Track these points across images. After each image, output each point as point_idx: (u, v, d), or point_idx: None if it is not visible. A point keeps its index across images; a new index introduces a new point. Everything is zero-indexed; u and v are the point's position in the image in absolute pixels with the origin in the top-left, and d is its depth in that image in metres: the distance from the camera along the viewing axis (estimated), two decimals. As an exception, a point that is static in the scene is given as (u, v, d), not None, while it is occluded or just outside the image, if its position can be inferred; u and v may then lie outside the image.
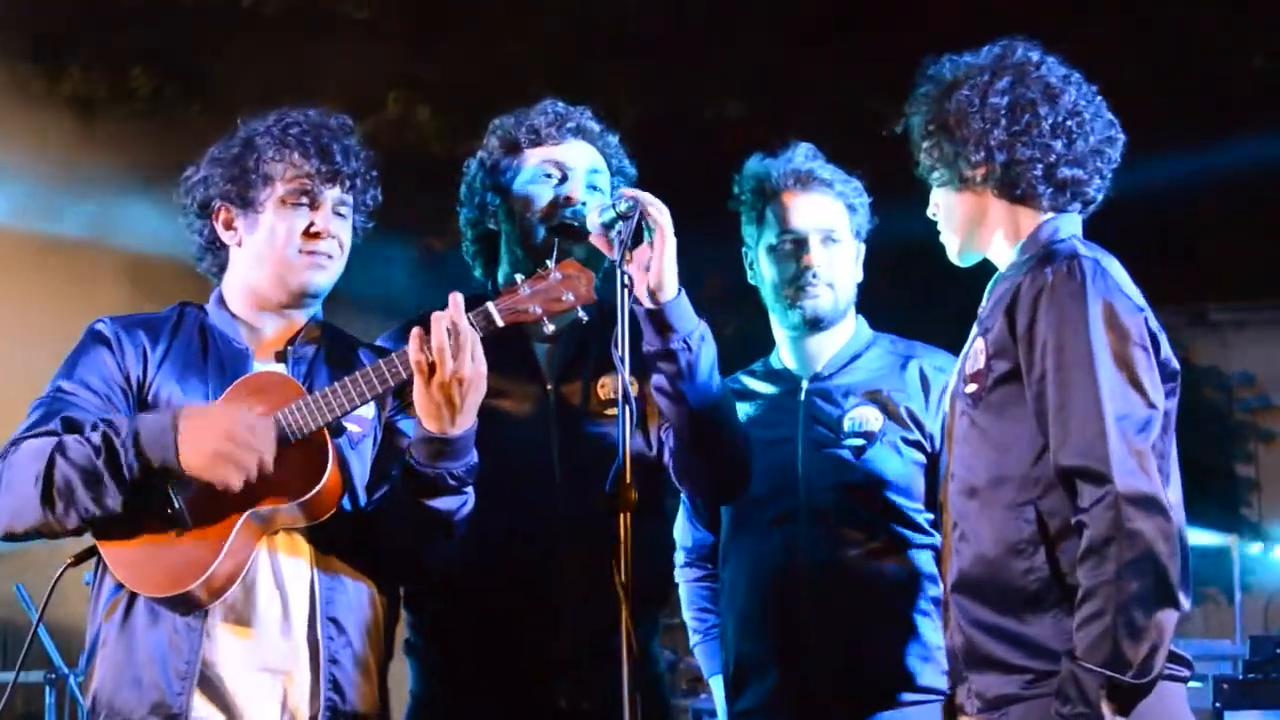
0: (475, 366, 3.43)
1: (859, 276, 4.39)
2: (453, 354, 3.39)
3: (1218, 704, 6.57)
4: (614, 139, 4.15)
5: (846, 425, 4.24)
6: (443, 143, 10.44)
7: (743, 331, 4.05)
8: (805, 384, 4.33)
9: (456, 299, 3.44)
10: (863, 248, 4.39)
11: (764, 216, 4.34)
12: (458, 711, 3.94)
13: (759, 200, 4.34)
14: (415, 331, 3.41)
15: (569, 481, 3.88)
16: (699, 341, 3.68)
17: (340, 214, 3.72)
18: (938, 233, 3.76)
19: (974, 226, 3.59)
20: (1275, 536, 10.48)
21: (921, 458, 4.23)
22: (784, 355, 4.42)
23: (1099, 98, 3.56)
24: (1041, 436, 3.31)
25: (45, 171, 9.68)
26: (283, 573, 3.55)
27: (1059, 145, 3.47)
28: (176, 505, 3.41)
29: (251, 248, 3.71)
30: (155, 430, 3.39)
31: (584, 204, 3.85)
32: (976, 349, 3.46)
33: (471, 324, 3.43)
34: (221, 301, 3.77)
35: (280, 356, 3.72)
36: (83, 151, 9.61)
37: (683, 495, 4.45)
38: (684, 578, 4.62)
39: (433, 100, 10.51)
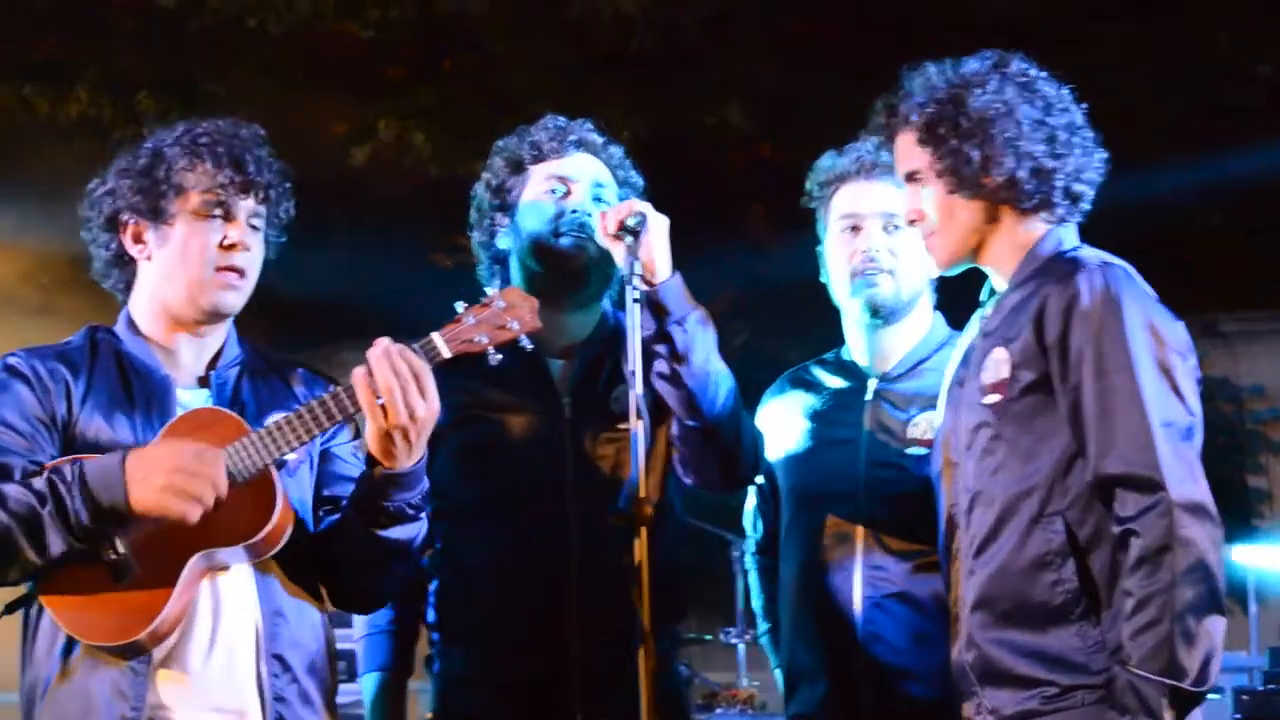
0: (429, 405, 3.37)
1: (933, 270, 4.21)
2: (403, 398, 3.33)
3: (1238, 715, 6.57)
4: (618, 151, 4.16)
5: (910, 433, 4.16)
6: (440, 165, 10.46)
7: (752, 343, 4.03)
8: (873, 384, 4.25)
9: (382, 344, 3.38)
10: None
11: (829, 206, 4.29)
12: None
13: (825, 192, 4.30)
14: (359, 374, 3.35)
15: (581, 496, 3.87)
16: (695, 324, 3.68)
17: (254, 226, 3.63)
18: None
19: (978, 234, 3.57)
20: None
21: None
22: (854, 350, 4.34)
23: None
24: (1073, 446, 3.30)
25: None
26: (225, 611, 3.47)
27: (1073, 158, 3.49)
28: (121, 551, 3.33)
29: (162, 262, 3.60)
30: (102, 472, 3.30)
31: (588, 213, 3.88)
32: (997, 359, 3.43)
33: (417, 353, 3.38)
34: (131, 324, 3.66)
35: (203, 381, 3.65)
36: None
37: (751, 485, 4.45)
38: (751, 566, 4.60)
39: (431, 122, 10.50)
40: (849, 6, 9.83)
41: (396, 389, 3.32)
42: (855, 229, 4.20)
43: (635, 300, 3.50)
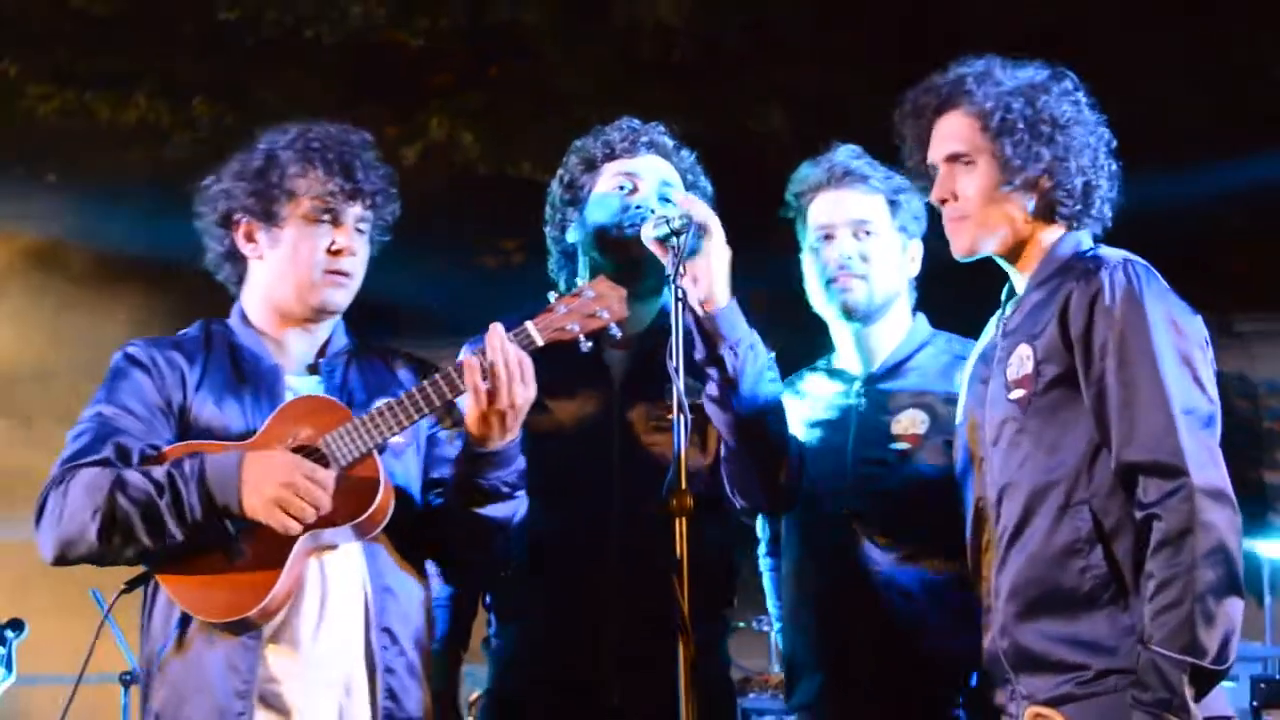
0: (526, 392, 3.52)
1: (911, 271, 4.38)
2: (509, 385, 3.46)
3: (1255, 703, 6.58)
4: (689, 155, 4.26)
5: (894, 429, 4.24)
6: (488, 164, 10.56)
7: (788, 345, 4.16)
8: (858, 385, 4.32)
9: (498, 329, 3.52)
10: (914, 244, 4.36)
11: (805, 216, 4.35)
12: (523, 707, 4.06)
13: (800, 202, 4.36)
14: (469, 361, 3.50)
15: (627, 484, 3.99)
16: (747, 350, 3.76)
17: (360, 230, 3.75)
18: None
19: (1014, 231, 3.62)
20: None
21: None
22: (841, 355, 4.41)
23: None
24: (1097, 436, 3.38)
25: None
26: (332, 587, 3.59)
27: (1108, 180, 3.62)
28: (233, 532, 3.47)
29: (273, 262, 3.72)
30: (221, 472, 3.43)
31: (651, 210, 3.94)
32: (1021, 355, 3.51)
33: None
34: (244, 317, 3.79)
35: (312, 369, 3.78)
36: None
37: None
38: (765, 567, 4.67)
39: (479, 122, 10.60)
40: (888, 14, 9.91)
41: (504, 376, 3.47)
42: (828, 238, 4.28)
43: (679, 299, 3.59)
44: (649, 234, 3.77)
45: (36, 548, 3.54)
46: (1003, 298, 3.78)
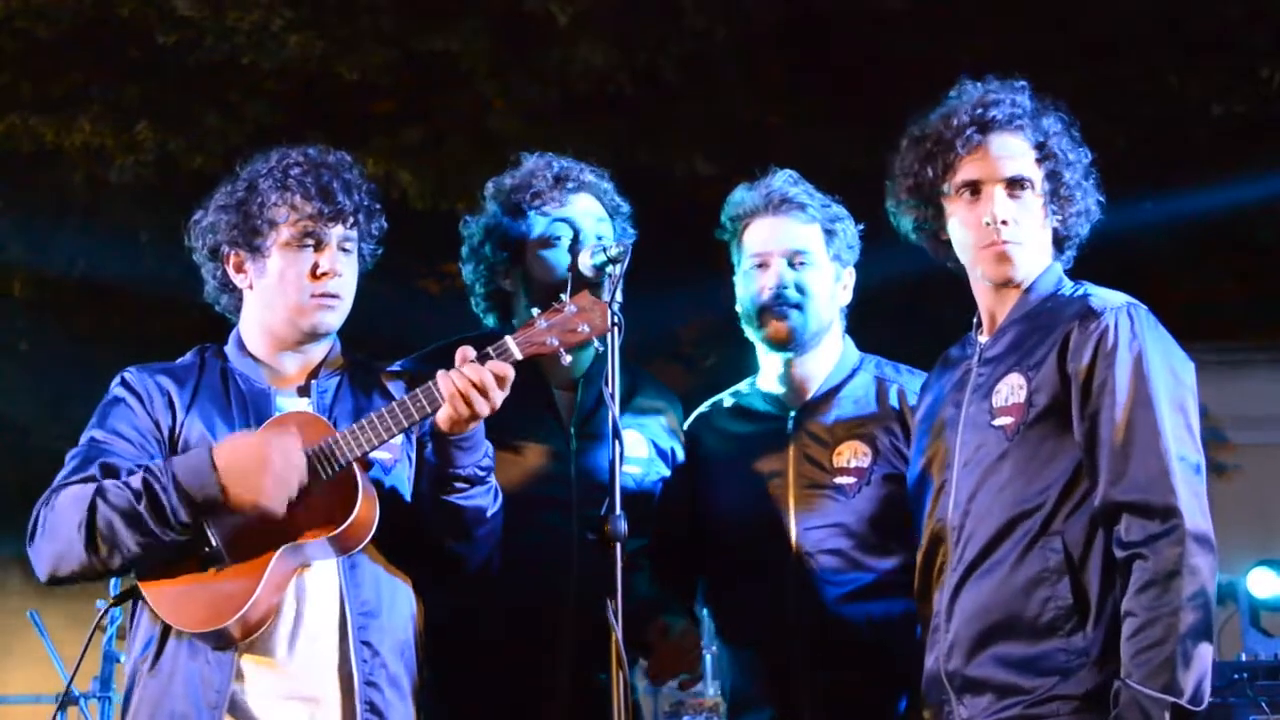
0: (498, 399, 3.58)
1: (843, 300, 4.42)
2: (481, 400, 3.53)
3: None
4: (608, 184, 4.31)
5: (836, 462, 4.26)
6: (425, 201, 10.62)
7: (720, 366, 4.26)
8: (793, 415, 4.34)
9: (465, 353, 3.59)
10: (847, 272, 4.36)
11: (740, 242, 4.38)
12: None
13: (736, 227, 4.40)
14: (443, 376, 3.58)
15: (584, 521, 4.03)
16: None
17: (345, 249, 3.82)
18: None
19: (1040, 259, 3.71)
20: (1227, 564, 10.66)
21: (899, 490, 4.15)
22: (769, 380, 4.39)
23: None
24: (1080, 470, 3.50)
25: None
26: (308, 603, 3.66)
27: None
28: (214, 543, 3.53)
29: (262, 291, 3.81)
30: (192, 469, 3.49)
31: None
32: (1012, 383, 3.60)
33: (490, 356, 3.55)
34: (241, 345, 3.84)
35: (303, 391, 3.84)
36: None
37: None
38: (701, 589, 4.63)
39: (415, 158, 10.67)
40: (819, 53, 10.03)
41: (475, 397, 3.52)
42: (763, 265, 4.28)
43: (615, 324, 3.63)
44: (587, 262, 3.83)
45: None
46: (974, 323, 3.84)
